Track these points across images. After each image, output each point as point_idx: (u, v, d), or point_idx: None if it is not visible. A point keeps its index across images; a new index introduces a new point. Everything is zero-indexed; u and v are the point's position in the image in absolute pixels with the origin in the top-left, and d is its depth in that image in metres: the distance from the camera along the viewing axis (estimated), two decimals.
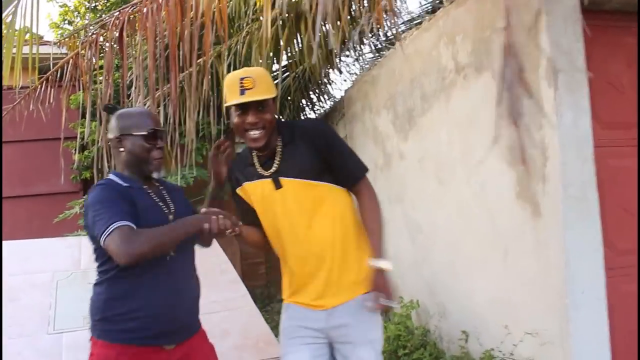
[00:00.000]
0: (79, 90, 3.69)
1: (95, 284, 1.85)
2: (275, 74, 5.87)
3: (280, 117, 6.15)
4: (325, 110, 6.29)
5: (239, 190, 2.13)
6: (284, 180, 2.00)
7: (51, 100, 3.59)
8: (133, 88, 3.92)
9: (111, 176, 1.92)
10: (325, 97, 6.29)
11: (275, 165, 2.02)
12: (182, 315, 1.87)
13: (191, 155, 4.81)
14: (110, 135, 1.93)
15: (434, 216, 3.61)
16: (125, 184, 1.86)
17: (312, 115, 6.64)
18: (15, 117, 4.02)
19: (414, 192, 3.91)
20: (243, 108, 1.93)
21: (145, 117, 1.92)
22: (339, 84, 10.22)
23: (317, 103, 6.47)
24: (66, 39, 4.30)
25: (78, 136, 4.71)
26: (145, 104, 4.56)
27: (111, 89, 3.42)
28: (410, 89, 3.85)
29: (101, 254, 1.78)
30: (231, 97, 1.94)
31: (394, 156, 4.22)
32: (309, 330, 2.03)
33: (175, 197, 2.01)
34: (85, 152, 5.52)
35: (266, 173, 2.03)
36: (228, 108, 1.99)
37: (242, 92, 1.90)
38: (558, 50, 2.49)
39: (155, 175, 1.98)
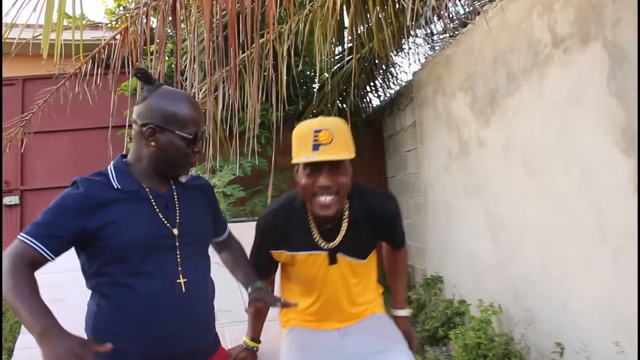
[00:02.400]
0: (128, 74, 3.46)
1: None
2: (339, 56, 5.55)
3: (344, 104, 5.82)
4: (390, 96, 5.91)
5: (275, 252, 1.87)
6: (341, 257, 1.83)
7: (98, 82, 3.36)
8: (188, 68, 3.69)
9: (109, 169, 1.56)
10: (391, 81, 5.91)
11: (337, 240, 1.80)
12: (189, 338, 1.54)
13: (249, 144, 4.59)
14: (140, 120, 1.53)
15: (521, 211, 3.19)
16: (117, 186, 1.51)
17: (376, 101, 6.29)
18: (65, 104, 3.85)
19: (496, 184, 3.49)
20: (315, 167, 1.64)
21: (192, 113, 1.54)
22: (405, 67, 9.79)
23: (381, 88, 6.10)
24: (116, 22, 4.11)
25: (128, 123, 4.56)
26: (200, 89, 4.35)
27: (162, 66, 3.13)
28: (493, 68, 3.43)
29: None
30: (301, 152, 1.64)
31: (472, 144, 3.81)
32: (321, 351, 1.86)
33: (190, 200, 1.65)
34: None
35: (324, 245, 1.80)
36: (295, 164, 1.71)
37: (316, 148, 1.59)
38: None
39: (183, 178, 1.65)
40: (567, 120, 2.70)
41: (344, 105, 5.85)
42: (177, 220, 1.56)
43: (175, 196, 1.61)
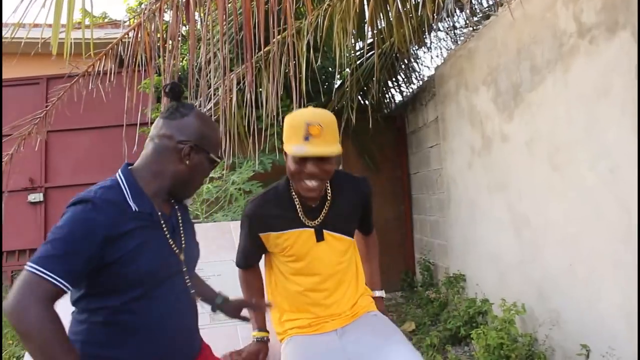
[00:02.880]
0: (145, 72, 3.45)
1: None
2: (359, 52, 5.49)
3: (365, 100, 5.74)
4: (412, 91, 5.81)
5: (263, 235, 1.96)
6: (327, 233, 1.96)
7: (112, 79, 3.35)
8: (203, 66, 3.67)
9: (122, 183, 1.46)
10: (413, 76, 5.81)
11: (322, 216, 1.95)
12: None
13: (269, 140, 4.54)
14: (179, 136, 1.50)
15: (546, 207, 3.09)
16: (135, 208, 1.41)
17: (399, 97, 6.20)
18: (89, 102, 3.86)
19: (519, 180, 3.39)
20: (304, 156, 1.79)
21: (220, 138, 1.67)
22: (427, 62, 9.64)
23: (403, 83, 6.01)
24: (133, 19, 4.11)
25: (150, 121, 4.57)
26: (215, 90, 4.33)
27: (176, 61, 3.09)
28: (517, 61, 3.33)
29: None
30: (293, 141, 1.77)
31: (495, 139, 3.71)
32: (322, 354, 1.89)
33: (188, 222, 1.67)
34: None
35: (310, 223, 1.94)
36: (285, 150, 1.82)
37: (307, 139, 1.74)
38: None
39: (188, 202, 1.75)
40: (593, 113, 2.59)
41: (365, 102, 5.79)
42: (183, 246, 1.58)
43: (180, 218, 1.61)
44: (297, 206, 1.93)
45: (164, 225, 1.50)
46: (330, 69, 5.71)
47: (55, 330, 1.23)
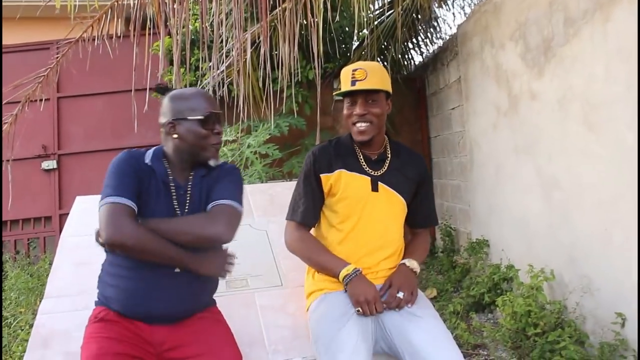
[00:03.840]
0: (155, 35, 3.30)
1: None
2: (379, 10, 5.27)
3: (384, 62, 5.54)
4: (433, 51, 5.59)
5: (324, 176, 2.07)
6: (382, 186, 2.06)
7: (119, 34, 3.19)
8: (216, 25, 3.50)
9: (150, 150, 1.80)
10: (434, 35, 5.57)
11: (383, 169, 2.09)
12: (161, 307, 1.69)
13: (286, 103, 4.40)
14: (162, 120, 1.79)
15: (579, 170, 2.92)
16: (149, 164, 1.75)
17: (418, 58, 5.98)
18: (100, 67, 3.72)
19: (550, 141, 3.21)
20: (353, 99, 2.01)
21: (201, 99, 1.77)
22: (449, 20, 9.31)
23: (423, 43, 5.78)
24: None
25: (171, 84, 4.42)
26: (228, 52, 4.16)
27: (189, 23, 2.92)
28: (549, 14, 3.11)
29: None
30: (343, 87, 2.01)
31: (523, 98, 3.52)
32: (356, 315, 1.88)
33: (202, 189, 1.79)
34: None
35: (370, 171, 2.07)
36: (339, 101, 2.06)
37: (353, 83, 1.96)
38: None
39: (212, 162, 1.81)
40: (635, 68, 2.40)
41: (385, 63, 5.58)
42: (186, 210, 1.75)
43: (190, 186, 1.78)
44: (359, 154, 2.09)
45: (173, 188, 1.75)
46: (347, 28, 5.49)
47: (152, 235, 1.59)
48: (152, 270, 1.65)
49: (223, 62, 4.15)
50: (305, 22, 3.79)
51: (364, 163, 2.07)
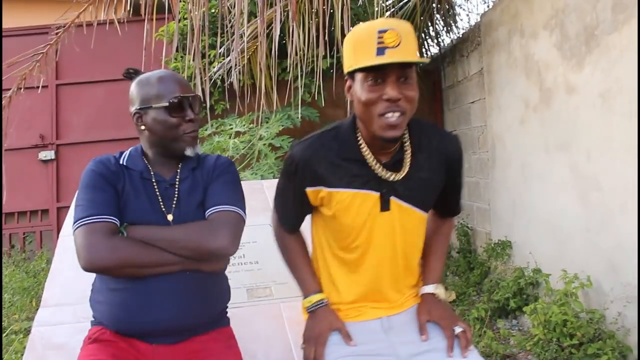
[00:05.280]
0: (156, 20, 3.06)
1: None
2: None
3: None
4: (451, 41, 5.34)
5: (310, 191, 1.52)
6: (395, 202, 1.49)
7: (122, 19, 2.93)
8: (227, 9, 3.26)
9: (128, 149, 1.62)
10: (454, 25, 5.32)
11: (401, 173, 1.48)
12: (159, 320, 1.45)
13: (297, 93, 4.17)
14: (132, 109, 1.56)
15: (623, 169, 2.68)
16: (124, 163, 1.56)
17: (435, 50, 5.72)
18: (101, 54, 3.46)
19: (589, 137, 2.97)
20: (379, 76, 1.34)
21: (168, 83, 1.52)
22: (468, 9, 9.04)
23: (441, 33, 5.52)
24: None
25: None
26: (242, 34, 3.93)
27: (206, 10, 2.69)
28: None
29: None
30: (362, 58, 1.33)
31: (558, 91, 3.28)
32: (366, 346, 1.50)
33: (191, 184, 1.57)
34: None
35: (384, 176, 1.47)
36: (352, 74, 1.40)
37: (381, 52, 1.29)
38: None
39: (189, 152, 1.55)
40: None
41: None
42: (173, 206, 1.53)
43: (177, 180, 1.57)
44: (367, 157, 1.47)
45: (155, 185, 1.54)
46: (364, 13, 5.23)
47: (140, 246, 1.42)
48: (145, 279, 1.44)
49: (233, 49, 3.92)
50: (315, 9, 3.55)
51: (369, 172, 1.48)
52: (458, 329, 1.52)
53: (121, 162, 1.56)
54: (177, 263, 1.44)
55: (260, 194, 2.67)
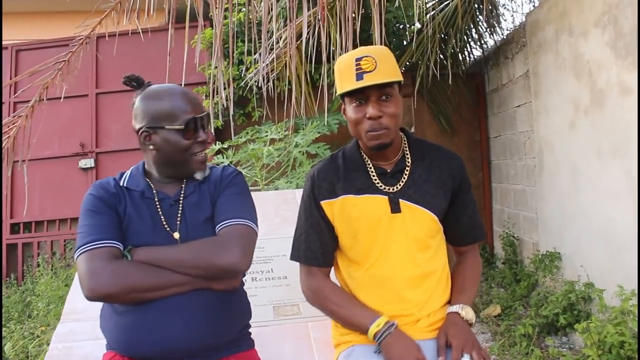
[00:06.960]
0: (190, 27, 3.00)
1: None
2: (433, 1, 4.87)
3: (443, 55, 5.11)
4: (495, 43, 5.13)
5: (325, 203, 1.62)
6: (405, 204, 1.58)
7: (152, 12, 2.87)
8: (264, 14, 3.18)
9: (130, 169, 1.57)
10: (498, 26, 5.10)
11: (402, 181, 1.60)
12: (171, 341, 1.36)
13: (335, 99, 4.07)
14: (136, 125, 1.48)
15: None
16: (124, 185, 1.50)
17: (477, 53, 5.52)
18: (140, 63, 3.43)
19: None
20: (361, 98, 1.52)
21: (180, 101, 1.45)
22: (512, 11, 8.74)
23: (484, 35, 5.31)
24: None
25: (210, 80, 4.13)
26: (280, 38, 3.85)
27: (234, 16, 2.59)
28: None
29: None
30: (344, 85, 1.52)
31: (612, 92, 3.06)
32: None
33: (198, 199, 1.51)
34: (216, 98, 5.00)
35: (386, 188, 1.59)
36: (344, 98, 1.57)
37: (360, 77, 1.47)
38: None
39: (198, 176, 1.52)
40: None
41: (441, 56, 5.15)
42: (178, 223, 1.47)
43: (182, 196, 1.51)
44: (369, 169, 1.62)
45: (157, 203, 1.48)
46: (402, 19, 5.08)
47: (145, 269, 1.36)
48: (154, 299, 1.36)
49: (269, 54, 3.85)
50: (354, 14, 3.44)
51: (376, 179, 1.60)
52: (466, 357, 1.43)
53: (121, 184, 1.51)
54: (187, 283, 1.36)
55: (292, 203, 2.56)
